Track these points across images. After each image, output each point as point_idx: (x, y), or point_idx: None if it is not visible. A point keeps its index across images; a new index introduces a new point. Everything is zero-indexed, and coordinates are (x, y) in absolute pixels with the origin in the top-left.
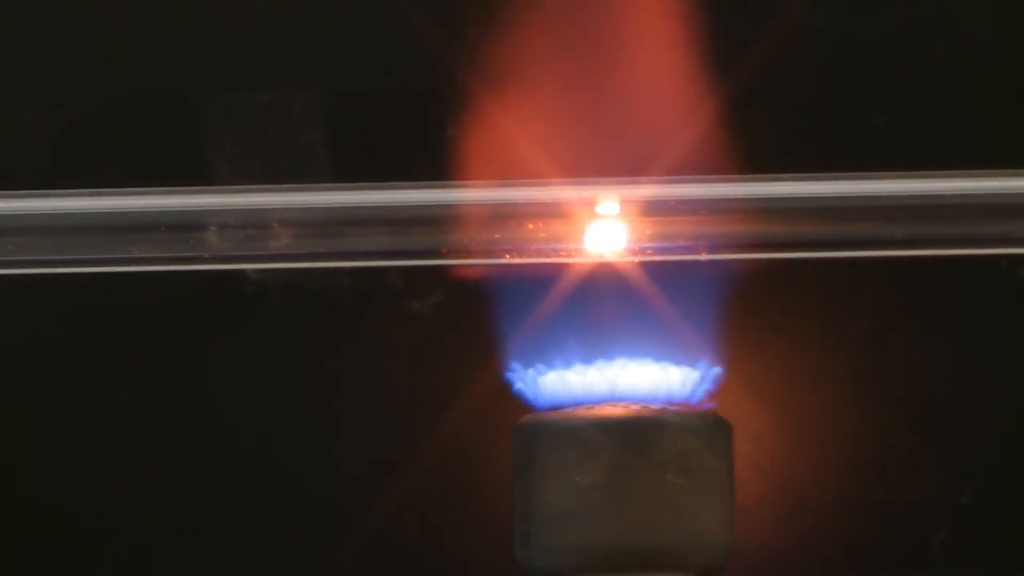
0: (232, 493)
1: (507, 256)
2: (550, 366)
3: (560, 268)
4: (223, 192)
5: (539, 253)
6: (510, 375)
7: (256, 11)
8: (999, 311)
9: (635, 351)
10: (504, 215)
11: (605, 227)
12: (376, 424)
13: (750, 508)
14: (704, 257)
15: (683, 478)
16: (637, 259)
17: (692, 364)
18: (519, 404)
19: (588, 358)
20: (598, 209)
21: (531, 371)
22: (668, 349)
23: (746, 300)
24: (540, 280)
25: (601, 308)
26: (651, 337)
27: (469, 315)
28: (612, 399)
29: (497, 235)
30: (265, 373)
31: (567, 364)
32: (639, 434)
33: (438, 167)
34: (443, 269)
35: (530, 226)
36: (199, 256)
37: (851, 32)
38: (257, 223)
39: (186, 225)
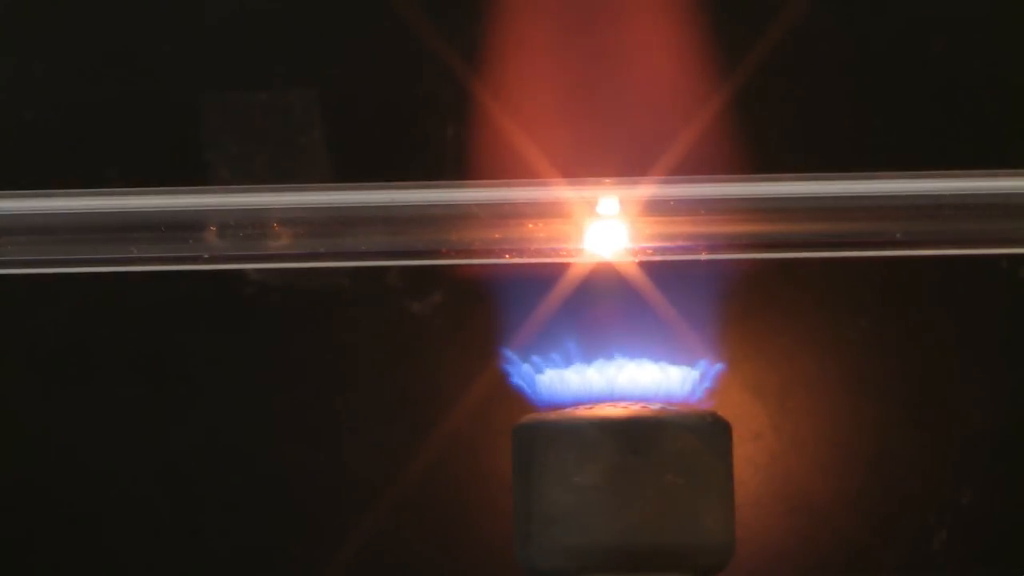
0: (232, 493)
1: (507, 256)
2: (550, 366)
3: (560, 268)
4: (223, 192)
5: (539, 253)
6: (509, 375)
7: (256, 11)
8: (999, 311)
9: (635, 351)
10: (504, 215)
11: (605, 227)
12: (376, 424)
13: (750, 508)
14: (704, 257)
15: (683, 478)
16: (637, 259)
17: (692, 364)
18: (519, 404)
19: (588, 358)
20: (598, 209)
21: (530, 370)
22: (668, 349)
23: (746, 300)
24: (540, 280)
25: (601, 308)
26: (651, 337)
27: (469, 315)
28: (611, 399)
29: (497, 235)
30: (265, 373)
31: (567, 364)
32: (638, 434)
33: (438, 167)
34: (443, 269)
35: (530, 226)
36: (199, 256)
37: (851, 32)
38: (257, 223)
39: (186, 225)
